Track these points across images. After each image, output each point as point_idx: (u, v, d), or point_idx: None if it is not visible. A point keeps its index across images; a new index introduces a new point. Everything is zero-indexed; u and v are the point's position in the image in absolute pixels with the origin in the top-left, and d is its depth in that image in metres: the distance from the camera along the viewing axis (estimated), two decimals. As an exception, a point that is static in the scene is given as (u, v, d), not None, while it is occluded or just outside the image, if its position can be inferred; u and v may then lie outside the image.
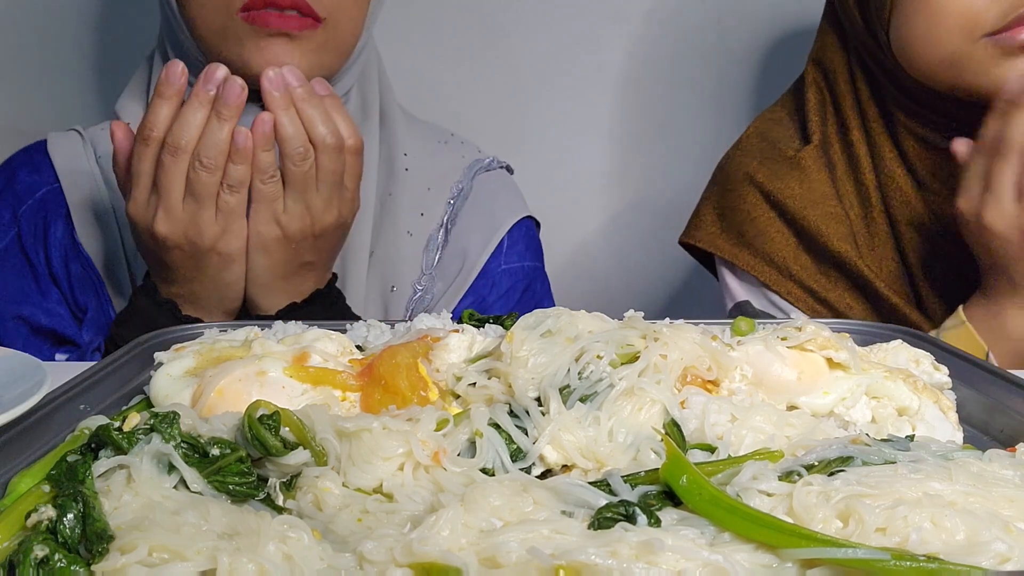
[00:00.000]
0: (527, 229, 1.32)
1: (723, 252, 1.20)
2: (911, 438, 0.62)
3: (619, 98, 1.69)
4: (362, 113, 1.26)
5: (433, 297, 1.24)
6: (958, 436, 0.67)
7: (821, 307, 1.16)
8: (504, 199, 1.32)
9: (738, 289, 1.22)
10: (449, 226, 1.27)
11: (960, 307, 1.05)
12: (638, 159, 1.71)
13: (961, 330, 1.04)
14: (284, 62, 1.05)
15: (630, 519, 0.49)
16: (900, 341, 0.76)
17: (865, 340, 0.79)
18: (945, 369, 0.73)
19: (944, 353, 0.78)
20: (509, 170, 1.36)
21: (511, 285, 1.29)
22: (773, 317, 1.15)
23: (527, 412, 0.62)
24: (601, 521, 0.49)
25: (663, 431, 0.61)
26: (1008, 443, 0.65)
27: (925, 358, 0.74)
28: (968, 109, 1.07)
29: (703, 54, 1.66)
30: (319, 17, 1.10)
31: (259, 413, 0.57)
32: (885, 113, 1.17)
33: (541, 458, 0.60)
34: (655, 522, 0.49)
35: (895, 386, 0.67)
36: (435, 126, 1.37)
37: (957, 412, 0.70)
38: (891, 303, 1.13)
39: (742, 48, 1.66)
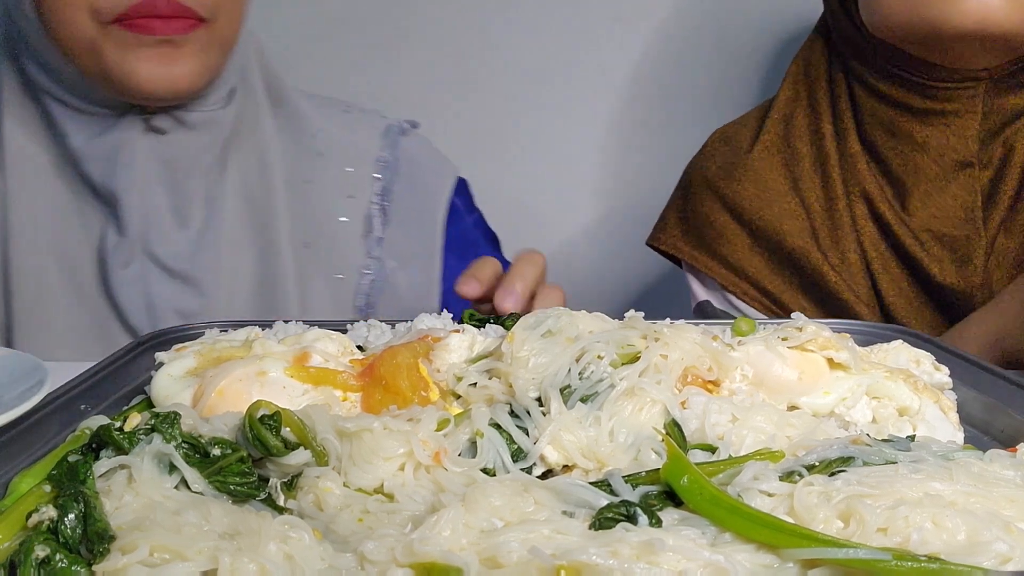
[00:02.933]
0: (460, 186, 1.31)
1: (684, 254, 1.25)
2: (912, 438, 0.62)
3: (615, 99, 1.69)
4: (253, 105, 1.20)
5: (387, 276, 1.22)
6: (959, 436, 0.67)
7: (776, 307, 1.19)
8: (432, 164, 1.30)
9: (699, 290, 1.26)
10: (385, 204, 1.24)
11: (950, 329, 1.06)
12: (633, 160, 1.71)
13: None
14: (172, 74, 1.04)
15: (631, 519, 0.49)
16: (900, 341, 0.76)
17: (866, 340, 0.79)
18: (946, 369, 0.73)
19: (945, 353, 0.78)
20: (413, 124, 1.34)
21: (484, 230, 1.30)
22: (731, 317, 1.18)
23: (528, 412, 0.61)
24: (602, 521, 0.49)
25: (664, 431, 0.61)
26: (1009, 443, 0.65)
27: (926, 358, 0.73)
28: (935, 72, 1.11)
29: (701, 56, 1.67)
30: (201, 18, 1.05)
31: (260, 413, 0.57)
32: (855, 106, 1.20)
33: (542, 458, 0.60)
34: (656, 522, 0.49)
35: (896, 386, 0.67)
36: (333, 99, 1.32)
37: (958, 412, 0.70)
38: (842, 299, 1.16)
39: (740, 50, 1.66)
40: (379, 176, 1.24)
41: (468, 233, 1.28)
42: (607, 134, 1.70)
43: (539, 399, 0.63)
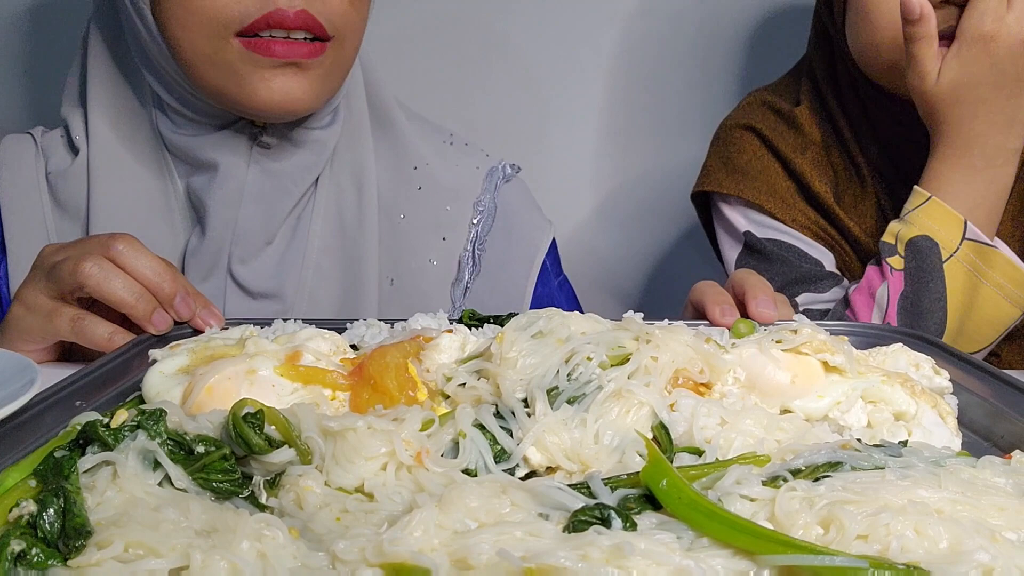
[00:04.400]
0: (552, 242, 1.27)
1: (729, 190, 1.26)
2: (904, 444, 0.60)
3: (608, 89, 1.68)
4: (349, 115, 1.17)
5: None
6: (956, 442, 0.65)
7: (823, 234, 1.22)
8: (530, 217, 1.26)
9: (743, 222, 1.26)
10: (478, 253, 1.20)
11: (915, 187, 1.07)
12: (627, 149, 1.70)
13: (930, 206, 1.05)
14: (293, 95, 1.00)
15: (605, 522, 0.48)
16: (900, 344, 0.74)
17: (866, 343, 0.77)
18: (946, 373, 0.72)
19: (947, 356, 0.76)
20: (516, 169, 1.29)
21: (568, 295, 1.27)
22: (778, 248, 1.21)
23: (513, 413, 0.61)
24: (576, 524, 0.49)
25: (650, 434, 0.60)
26: (1009, 450, 0.63)
27: (926, 362, 0.72)
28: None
29: (689, 43, 1.66)
30: (328, 36, 1.01)
31: (244, 411, 0.58)
32: (863, 104, 1.22)
33: (525, 460, 0.59)
34: (631, 526, 0.49)
35: (892, 390, 0.66)
36: (434, 124, 1.28)
37: (959, 417, 0.68)
38: (868, 247, 1.18)
39: (729, 34, 1.66)
40: (475, 222, 1.20)
41: (553, 296, 1.24)
42: (599, 125, 1.69)
43: (526, 400, 0.62)
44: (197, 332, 0.85)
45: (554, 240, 1.27)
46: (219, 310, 0.90)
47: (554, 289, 1.24)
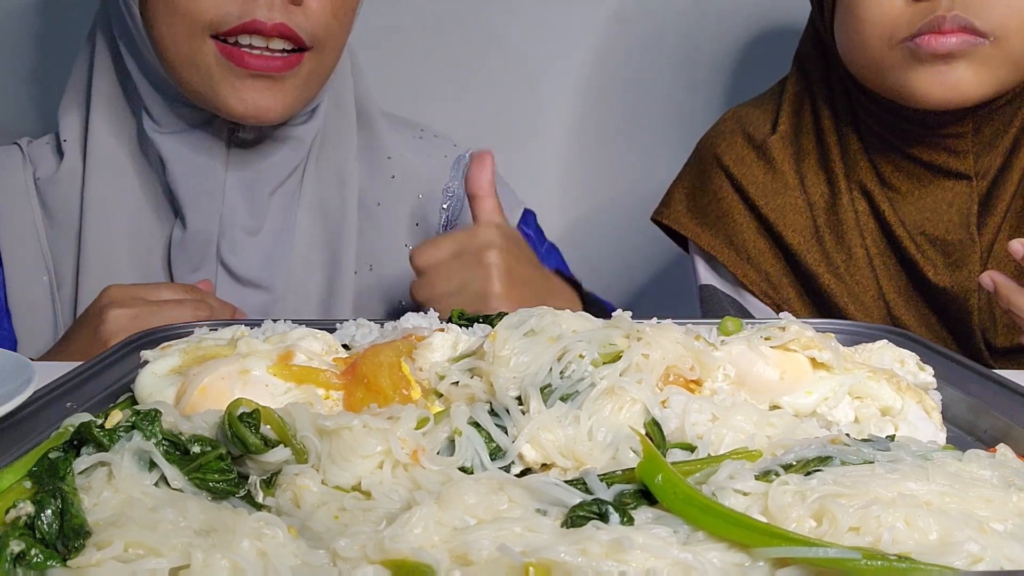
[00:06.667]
0: (528, 217, 1.30)
1: (688, 231, 1.24)
2: (891, 438, 0.62)
3: (602, 89, 1.69)
4: (337, 113, 1.21)
5: None
6: (941, 436, 0.67)
7: (772, 292, 1.19)
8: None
9: (704, 272, 1.24)
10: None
11: None
12: (620, 149, 1.71)
13: None
14: (263, 107, 1.04)
15: (603, 517, 0.49)
16: (885, 341, 0.75)
17: (851, 340, 0.79)
18: (930, 369, 0.73)
19: (930, 353, 0.78)
20: None
21: (557, 260, 1.29)
22: (733, 300, 1.18)
23: (507, 411, 0.62)
24: (574, 519, 0.49)
25: (643, 430, 0.61)
26: (992, 444, 0.65)
27: (910, 358, 0.73)
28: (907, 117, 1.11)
29: (672, 48, 1.67)
30: (306, 46, 1.04)
31: (240, 411, 0.58)
32: (852, 104, 1.20)
33: (520, 457, 0.60)
34: (628, 521, 0.49)
35: (878, 386, 0.67)
36: (407, 120, 1.32)
37: (943, 413, 0.69)
38: (834, 303, 1.15)
39: (711, 42, 1.67)
40: (445, 207, 1.25)
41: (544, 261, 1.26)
42: (581, 129, 1.70)
43: (519, 398, 0.63)
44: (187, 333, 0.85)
45: (533, 213, 1.31)
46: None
47: (541, 256, 1.26)
